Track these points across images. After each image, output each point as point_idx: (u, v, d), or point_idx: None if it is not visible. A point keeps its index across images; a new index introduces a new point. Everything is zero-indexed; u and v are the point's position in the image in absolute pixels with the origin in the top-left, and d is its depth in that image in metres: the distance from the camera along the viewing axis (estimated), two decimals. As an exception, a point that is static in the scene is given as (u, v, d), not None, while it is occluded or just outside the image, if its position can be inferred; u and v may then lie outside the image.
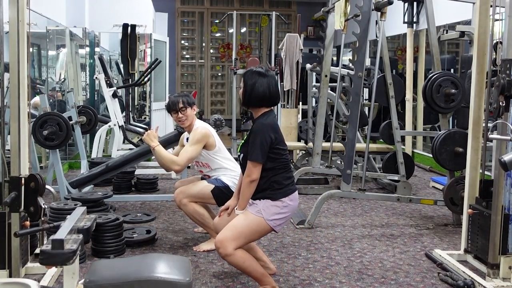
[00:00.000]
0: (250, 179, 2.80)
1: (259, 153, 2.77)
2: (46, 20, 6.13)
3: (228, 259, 2.78)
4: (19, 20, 2.84)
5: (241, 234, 2.79)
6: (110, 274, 2.21)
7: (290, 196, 2.87)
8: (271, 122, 2.87)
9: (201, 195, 3.63)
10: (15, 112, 2.85)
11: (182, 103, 3.75)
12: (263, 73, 2.87)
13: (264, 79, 2.86)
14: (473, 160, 3.46)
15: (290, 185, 2.90)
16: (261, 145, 2.77)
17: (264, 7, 12.66)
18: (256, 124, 2.86)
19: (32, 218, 2.88)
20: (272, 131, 2.82)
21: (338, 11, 4.98)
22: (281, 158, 2.87)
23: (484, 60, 3.37)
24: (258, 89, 2.84)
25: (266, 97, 2.86)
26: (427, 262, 3.54)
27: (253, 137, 2.81)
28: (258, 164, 2.79)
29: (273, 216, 2.83)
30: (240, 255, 2.79)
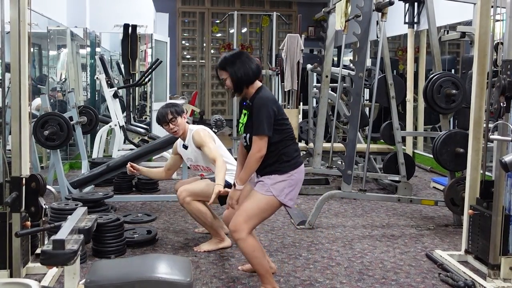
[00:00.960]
0: (260, 154, 2.78)
1: (265, 126, 2.77)
2: (47, 20, 6.14)
3: (240, 243, 2.82)
4: (20, 20, 2.84)
5: (253, 215, 2.83)
6: (111, 275, 2.21)
7: (297, 169, 2.89)
8: (268, 95, 2.88)
9: (204, 193, 3.63)
10: (16, 112, 2.85)
11: (170, 113, 3.75)
12: (235, 54, 2.90)
13: (239, 58, 2.87)
14: (474, 161, 3.46)
15: (298, 157, 2.92)
16: (266, 118, 2.77)
17: (265, 7, 12.66)
18: (256, 99, 2.84)
19: (33, 218, 2.88)
20: (273, 103, 2.83)
21: (339, 12, 4.99)
22: (287, 129, 2.88)
23: (485, 60, 3.37)
24: (242, 70, 2.84)
25: (253, 72, 2.86)
26: (427, 262, 3.54)
27: (257, 112, 2.80)
28: (266, 137, 2.78)
29: (283, 192, 2.84)
30: (252, 243, 2.84)
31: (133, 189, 5.57)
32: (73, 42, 7.38)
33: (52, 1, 6.51)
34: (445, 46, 7.38)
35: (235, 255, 3.57)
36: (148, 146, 5.01)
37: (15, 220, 2.83)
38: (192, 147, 3.77)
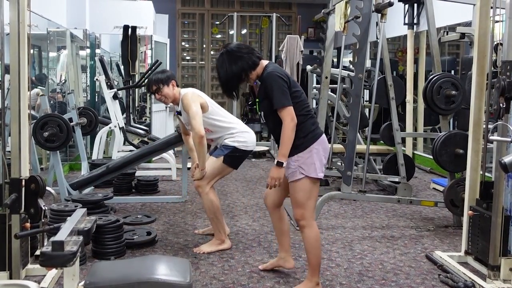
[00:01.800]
0: (293, 123, 2.78)
1: (282, 97, 2.78)
2: (47, 21, 6.14)
3: (306, 231, 2.93)
4: (19, 22, 2.84)
5: (304, 201, 2.89)
6: (111, 276, 2.21)
7: (316, 141, 2.88)
8: (275, 69, 2.89)
9: (216, 171, 3.67)
10: (16, 113, 2.85)
11: (155, 84, 3.73)
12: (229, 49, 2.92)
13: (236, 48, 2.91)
14: (474, 162, 3.46)
15: (316, 130, 2.92)
16: (280, 90, 2.78)
17: (264, 8, 12.66)
18: (264, 76, 2.87)
19: (32, 220, 2.88)
20: (281, 75, 2.83)
21: (338, 13, 4.99)
22: (301, 102, 2.88)
23: (485, 61, 3.37)
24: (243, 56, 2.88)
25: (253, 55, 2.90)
26: (427, 263, 3.54)
27: (269, 88, 2.81)
28: (288, 107, 2.78)
29: (311, 168, 2.85)
30: (317, 230, 2.96)
31: (133, 190, 5.57)
32: (73, 44, 7.38)
33: (52, 3, 6.51)
34: (444, 47, 7.39)
35: (234, 257, 3.57)
36: (148, 147, 5.01)
37: (14, 222, 2.82)
38: (184, 112, 3.73)
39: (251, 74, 2.92)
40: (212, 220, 3.77)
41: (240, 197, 5.46)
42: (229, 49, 2.92)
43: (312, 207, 2.95)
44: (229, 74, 2.89)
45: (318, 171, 2.88)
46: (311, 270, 2.98)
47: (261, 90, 2.91)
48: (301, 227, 2.96)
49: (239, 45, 2.97)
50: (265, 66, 2.92)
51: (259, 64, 2.92)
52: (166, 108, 8.26)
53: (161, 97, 3.74)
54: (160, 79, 3.71)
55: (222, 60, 2.91)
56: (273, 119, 2.88)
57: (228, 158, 3.67)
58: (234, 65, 2.88)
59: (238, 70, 2.88)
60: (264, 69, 2.90)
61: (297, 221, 2.98)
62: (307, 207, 2.91)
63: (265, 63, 2.94)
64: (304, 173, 2.85)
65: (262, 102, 2.92)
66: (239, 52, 2.89)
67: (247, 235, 4.08)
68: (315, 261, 2.95)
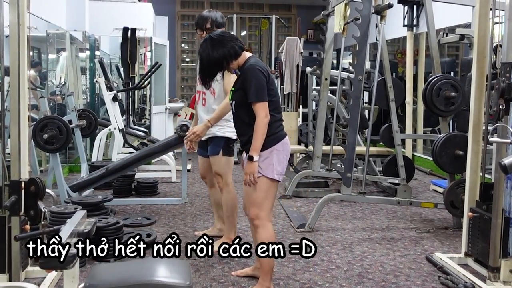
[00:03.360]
0: (267, 119, 2.78)
1: (260, 92, 2.78)
2: (47, 23, 6.14)
3: (260, 230, 2.89)
4: (19, 24, 2.85)
5: (261, 201, 2.88)
6: (110, 278, 2.20)
7: (279, 142, 2.87)
8: (257, 63, 2.88)
9: (226, 167, 3.71)
10: (15, 115, 2.85)
11: (210, 23, 3.68)
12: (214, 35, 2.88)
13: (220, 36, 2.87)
14: (474, 163, 3.46)
15: (280, 131, 2.90)
16: (259, 84, 2.79)
17: (264, 10, 12.67)
18: (245, 67, 2.86)
19: (32, 222, 2.87)
20: (262, 70, 2.84)
21: (338, 15, 4.99)
22: (275, 101, 2.88)
23: (484, 63, 3.37)
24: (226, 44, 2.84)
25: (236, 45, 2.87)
26: (427, 265, 3.53)
27: (248, 80, 2.81)
28: (264, 103, 2.79)
29: (269, 168, 2.83)
30: (271, 231, 2.92)
31: (133, 192, 5.57)
32: (72, 46, 7.38)
33: (51, 5, 6.51)
34: (444, 48, 7.39)
35: (234, 259, 3.56)
36: (147, 149, 5.01)
37: (14, 224, 2.83)
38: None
39: (231, 63, 2.88)
40: (226, 218, 3.78)
41: (240, 199, 5.44)
42: (213, 36, 2.89)
43: (268, 208, 2.92)
44: (211, 60, 2.84)
45: (276, 173, 2.85)
46: (262, 274, 2.95)
47: (238, 80, 2.91)
48: (255, 226, 2.93)
49: (223, 33, 2.94)
50: (248, 58, 2.91)
51: (241, 54, 2.90)
52: (165, 110, 8.27)
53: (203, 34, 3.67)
54: (217, 22, 3.66)
55: (205, 45, 2.87)
56: (243, 111, 2.87)
57: (226, 150, 3.71)
58: (217, 52, 2.83)
59: (220, 57, 2.84)
60: (246, 60, 2.89)
61: (251, 220, 2.96)
62: (263, 207, 2.89)
63: (247, 55, 2.93)
64: (261, 172, 2.83)
65: (236, 92, 2.90)
66: (223, 40, 2.86)
67: (247, 237, 4.08)
68: (267, 264, 2.92)
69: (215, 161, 3.72)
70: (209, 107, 3.72)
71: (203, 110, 3.76)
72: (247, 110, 2.83)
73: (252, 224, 2.97)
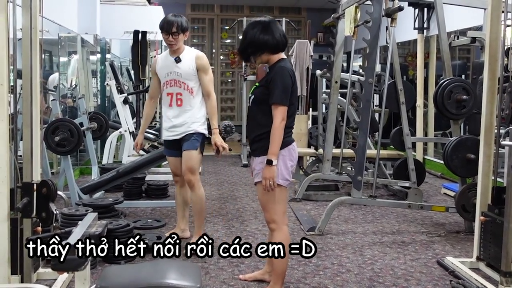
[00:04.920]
0: (283, 123, 2.77)
1: (282, 95, 2.77)
2: (58, 27, 6.19)
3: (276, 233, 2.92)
4: (32, 27, 2.87)
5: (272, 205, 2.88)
6: (121, 280, 2.21)
7: (286, 148, 2.85)
8: (289, 67, 2.89)
9: (199, 163, 3.88)
10: (28, 118, 2.87)
11: (176, 27, 3.72)
12: (271, 21, 2.89)
13: (274, 25, 2.88)
14: (485, 167, 3.43)
15: (288, 137, 2.89)
16: (284, 88, 2.78)
17: (274, 13, 12.68)
18: (277, 67, 2.84)
19: (44, 224, 2.90)
20: (291, 75, 2.83)
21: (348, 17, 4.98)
22: (291, 107, 2.86)
23: (496, 66, 3.35)
24: (275, 34, 2.84)
25: (282, 41, 2.87)
26: (439, 269, 3.51)
27: (276, 80, 2.79)
28: (284, 107, 2.78)
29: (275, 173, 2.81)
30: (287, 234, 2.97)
31: (143, 194, 5.58)
32: (83, 49, 7.43)
33: (63, 8, 6.56)
34: (455, 51, 7.34)
35: (244, 262, 3.56)
36: (158, 152, 5.02)
37: (26, 226, 2.84)
38: (190, 64, 3.76)
39: (265, 54, 2.88)
40: (199, 215, 3.89)
41: (250, 202, 5.45)
42: (270, 21, 2.89)
43: (281, 211, 2.91)
44: (254, 40, 2.84)
45: (280, 177, 2.83)
46: (274, 276, 2.95)
47: (265, 77, 2.89)
48: (271, 230, 2.95)
49: (278, 26, 2.93)
50: (282, 58, 2.91)
51: (279, 52, 2.90)
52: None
53: (173, 40, 3.75)
54: (182, 27, 3.74)
55: (257, 25, 2.88)
56: (259, 109, 2.86)
57: (202, 147, 3.86)
58: (263, 35, 2.84)
59: (263, 42, 2.84)
60: (280, 60, 2.89)
61: (267, 224, 2.98)
62: (274, 211, 2.89)
63: (282, 56, 2.93)
64: None
65: (259, 88, 2.89)
66: (275, 29, 2.86)
67: (257, 240, 4.08)
68: (281, 267, 2.92)
69: (192, 156, 3.78)
70: (185, 107, 3.79)
71: (176, 110, 3.79)
72: (264, 108, 2.82)
73: (269, 228, 2.99)
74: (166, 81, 3.80)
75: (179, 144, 3.83)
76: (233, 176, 6.97)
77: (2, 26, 2.63)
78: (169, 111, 3.83)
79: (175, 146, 3.87)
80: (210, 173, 7.16)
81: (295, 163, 2.94)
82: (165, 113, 3.87)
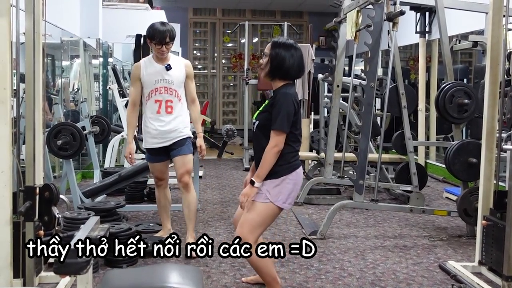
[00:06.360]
0: (277, 149, 2.77)
1: (285, 122, 2.76)
2: (61, 31, 6.21)
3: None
4: (35, 31, 2.88)
5: (256, 224, 2.82)
6: (123, 284, 2.21)
7: (293, 172, 2.86)
8: (294, 92, 2.88)
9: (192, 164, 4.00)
10: (30, 122, 2.88)
11: (169, 37, 3.78)
12: (294, 46, 2.87)
13: (298, 52, 2.87)
14: (487, 171, 3.43)
15: (295, 161, 2.89)
16: (287, 114, 2.77)
17: (276, 17, 12.71)
18: (280, 93, 2.84)
19: (46, 228, 2.90)
20: (295, 103, 2.83)
21: (349, 21, 4.99)
22: (296, 132, 2.86)
23: (497, 70, 3.35)
24: (290, 61, 2.83)
25: (295, 70, 2.86)
26: (440, 273, 3.51)
27: (278, 106, 2.79)
28: (283, 134, 2.77)
29: (279, 197, 2.82)
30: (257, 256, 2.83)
31: (145, 198, 5.59)
32: (86, 53, 7.45)
33: (65, 12, 6.58)
34: (457, 55, 7.35)
35: (246, 265, 3.56)
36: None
37: (28, 229, 2.85)
38: (181, 72, 3.85)
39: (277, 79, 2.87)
40: (194, 216, 3.96)
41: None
42: (294, 44, 2.87)
43: (259, 234, 2.86)
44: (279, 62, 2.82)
45: (283, 201, 2.83)
46: (267, 286, 2.96)
47: (269, 102, 2.90)
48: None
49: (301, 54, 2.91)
50: (286, 83, 2.88)
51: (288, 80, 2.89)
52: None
53: (166, 50, 3.81)
54: (173, 36, 3.83)
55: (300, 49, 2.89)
56: (262, 134, 2.86)
57: (194, 150, 3.98)
58: (302, 62, 2.86)
59: (286, 66, 2.82)
60: (284, 86, 2.87)
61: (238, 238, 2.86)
62: (255, 232, 2.82)
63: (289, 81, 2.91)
64: (269, 199, 2.82)
65: (263, 113, 2.90)
66: (300, 60, 2.86)
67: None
68: (267, 278, 2.91)
69: (189, 160, 3.90)
70: (175, 113, 3.82)
71: (165, 117, 3.81)
72: (268, 134, 2.81)
73: None
74: (154, 88, 3.79)
75: (166, 149, 3.87)
76: (235, 180, 6.97)
77: (5, 30, 2.64)
78: (156, 119, 3.81)
79: (161, 152, 3.90)
80: (212, 177, 7.17)
81: (299, 186, 2.95)
82: (151, 121, 3.83)
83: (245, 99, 8.64)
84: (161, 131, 3.80)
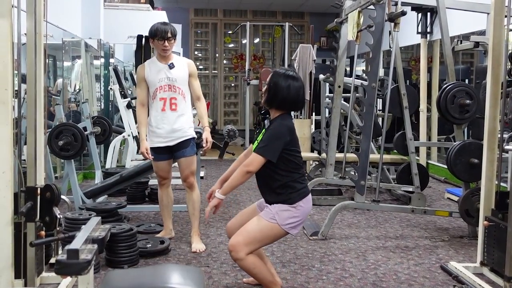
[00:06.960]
0: (247, 169, 2.79)
1: (269, 149, 2.78)
2: (62, 31, 6.21)
3: (239, 263, 2.82)
4: (36, 32, 2.89)
5: (254, 239, 2.81)
6: (124, 284, 2.21)
7: (304, 199, 2.88)
8: (289, 123, 2.89)
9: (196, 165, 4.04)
10: (32, 122, 2.88)
11: (171, 33, 3.86)
12: (293, 77, 2.90)
13: (296, 83, 2.89)
14: (489, 172, 3.42)
15: (304, 188, 2.91)
16: (276, 143, 2.79)
17: (277, 18, 12.71)
18: (275, 123, 2.87)
19: (47, 228, 2.90)
20: (289, 132, 2.84)
21: (351, 22, 4.99)
22: (295, 160, 2.88)
23: (499, 70, 3.35)
24: (285, 92, 2.85)
25: (290, 101, 2.88)
26: (442, 274, 3.50)
27: (270, 134, 2.82)
28: (263, 159, 2.78)
29: (287, 221, 2.83)
30: (251, 260, 2.82)
31: (146, 199, 5.59)
32: (87, 53, 7.45)
33: (67, 13, 6.59)
34: (458, 56, 7.34)
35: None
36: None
37: (30, 230, 2.85)
38: (184, 70, 3.91)
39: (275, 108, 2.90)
40: (198, 213, 4.01)
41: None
42: (295, 76, 2.90)
43: (253, 249, 2.82)
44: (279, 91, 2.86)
45: (291, 227, 2.84)
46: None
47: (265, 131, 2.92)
48: (233, 259, 2.84)
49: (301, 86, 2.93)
50: (283, 113, 2.91)
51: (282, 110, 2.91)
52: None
53: (169, 46, 3.87)
54: (175, 33, 3.91)
55: (301, 81, 2.96)
56: (264, 166, 2.85)
57: (196, 151, 4.06)
58: (288, 92, 2.85)
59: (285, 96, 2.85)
60: (280, 115, 2.90)
61: (229, 250, 2.81)
62: (250, 245, 2.79)
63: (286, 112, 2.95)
64: (277, 221, 2.82)
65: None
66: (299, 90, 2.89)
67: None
68: (264, 281, 2.91)
69: (194, 161, 3.99)
70: (179, 111, 3.88)
71: (170, 115, 3.86)
72: (269, 166, 2.82)
73: (230, 253, 2.84)
74: (159, 86, 3.86)
75: (170, 149, 3.92)
76: (236, 181, 6.95)
77: (7, 31, 2.65)
78: (161, 117, 3.86)
79: (166, 151, 3.94)
80: (213, 178, 7.16)
81: (308, 213, 2.97)
82: (156, 120, 3.89)
83: (247, 99, 8.65)
84: (166, 130, 3.86)
